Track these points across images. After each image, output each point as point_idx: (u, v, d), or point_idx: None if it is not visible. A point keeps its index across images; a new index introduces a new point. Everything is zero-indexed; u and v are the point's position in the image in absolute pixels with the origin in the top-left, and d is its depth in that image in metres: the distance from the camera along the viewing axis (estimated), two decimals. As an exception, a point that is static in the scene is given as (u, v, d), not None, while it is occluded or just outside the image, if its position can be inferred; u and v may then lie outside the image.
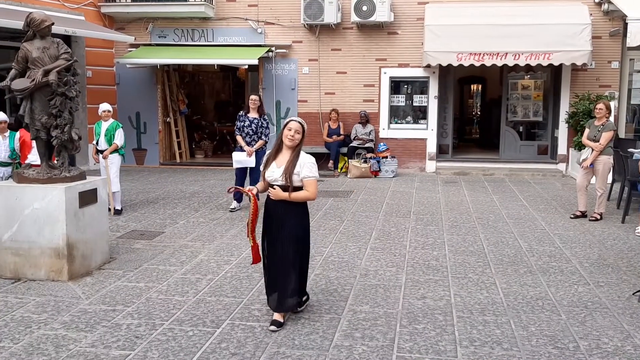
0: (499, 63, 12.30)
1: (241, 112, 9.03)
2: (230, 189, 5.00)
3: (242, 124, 8.86)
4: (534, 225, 8.10)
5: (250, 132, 8.84)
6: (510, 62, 12.23)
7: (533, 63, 12.21)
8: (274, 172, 4.55)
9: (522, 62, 12.22)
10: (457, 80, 16.42)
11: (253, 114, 8.91)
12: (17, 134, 7.82)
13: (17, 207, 5.69)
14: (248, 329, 4.51)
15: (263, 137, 8.93)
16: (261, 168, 4.69)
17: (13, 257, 5.74)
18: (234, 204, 9.01)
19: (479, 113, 20.95)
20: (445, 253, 6.70)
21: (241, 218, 8.48)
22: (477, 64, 12.41)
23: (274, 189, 4.56)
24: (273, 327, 4.50)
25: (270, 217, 4.65)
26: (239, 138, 8.85)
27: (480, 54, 12.24)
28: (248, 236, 4.74)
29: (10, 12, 10.52)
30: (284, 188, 4.53)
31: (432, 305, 5.04)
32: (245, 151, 8.78)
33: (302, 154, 4.60)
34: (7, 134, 7.85)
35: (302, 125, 4.59)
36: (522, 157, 13.72)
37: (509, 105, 13.96)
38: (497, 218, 8.58)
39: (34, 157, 6.99)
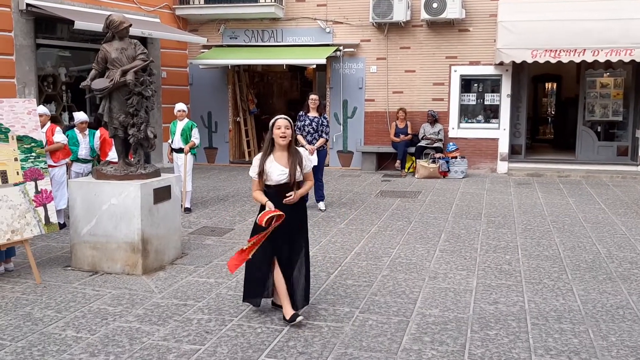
0: (577, 59, 11.80)
1: (301, 112, 9.08)
2: (264, 221, 4.48)
3: (303, 123, 8.91)
4: (613, 230, 7.71)
5: (311, 131, 8.87)
6: (589, 58, 11.71)
7: (614, 59, 11.65)
8: (284, 172, 4.55)
9: (601, 59, 11.67)
10: (531, 78, 15.87)
11: (313, 113, 8.95)
12: (98, 132, 8.16)
13: (95, 203, 5.92)
14: (315, 328, 4.50)
15: (324, 135, 8.94)
16: (254, 174, 4.59)
17: (91, 251, 5.98)
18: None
19: (553, 112, 20.20)
20: (519, 257, 6.47)
21: (308, 217, 8.49)
22: (553, 61, 11.94)
23: (287, 194, 4.52)
24: (300, 318, 4.53)
25: (288, 224, 4.55)
26: (299, 137, 8.89)
27: (556, 50, 11.78)
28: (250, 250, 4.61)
29: (91, 15, 11.00)
30: (290, 186, 4.58)
31: (504, 310, 4.87)
32: (307, 150, 8.80)
33: (297, 149, 4.73)
34: (87, 132, 8.20)
35: (289, 121, 4.65)
36: (599, 159, 13.10)
37: (587, 104, 13.37)
38: (573, 222, 8.23)
39: (114, 154, 7.26)
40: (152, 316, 4.76)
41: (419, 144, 12.87)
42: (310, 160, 4.84)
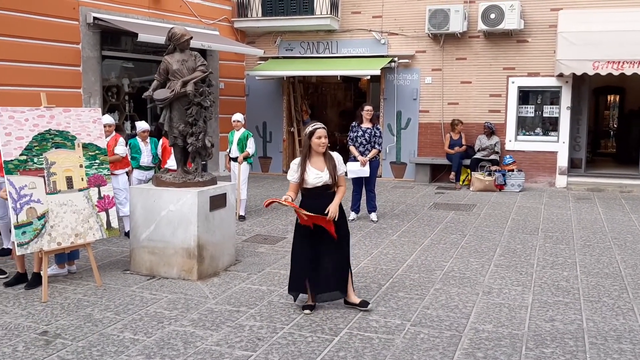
0: (641, 72, 11.40)
1: (354, 122, 9.10)
2: (267, 203, 4.92)
3: (356, 134, 8.93)
4: (679, 249, 7.39)
5: (364, 142, 8.87)
6: (654, 70, 11.29)
7: (680, 71, 11.18)
8: (320, 176, 4.96)
9: (667, 71, 11.23)
10: (592, 90, 15.41)
11: (366, 124, 8.96)
12: (161, 141, 8.41)
13: (154, 209, 6.11)
14: (366, 340, 4.50)
15: (377, 146, 8.92)
16: (293, 179, 5.02)
17: (149, 256, 6.16)
18: (352, 215, 9.05)
19: (615, 125, 19.53)
20: (577, 274, 6.28)
21: (359, 227, 8.51)
22: (616, 73, 11.56)
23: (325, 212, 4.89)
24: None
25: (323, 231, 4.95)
26: (352, 148, 8.92)
27: (619, 62, 11.41)
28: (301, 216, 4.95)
29: (154, 28, 11.39)
30: (328, 187, 4.98)
31: (561, 328, 4.74)
32: (359, 161, 8.81)
33: (331, 153, 5.10)
34: (149, 140, 8.48)
35: (326, 129, 5.07)
36: (665, 174, 12.57)
37: (652, 117, 12.88)
38: (635, 239, 7.92)
39: (172, 162, 7.47)
40: (206, 321, 4.87)
41: (475, 156, 12.68)
42: (343, 164, 5.16)
